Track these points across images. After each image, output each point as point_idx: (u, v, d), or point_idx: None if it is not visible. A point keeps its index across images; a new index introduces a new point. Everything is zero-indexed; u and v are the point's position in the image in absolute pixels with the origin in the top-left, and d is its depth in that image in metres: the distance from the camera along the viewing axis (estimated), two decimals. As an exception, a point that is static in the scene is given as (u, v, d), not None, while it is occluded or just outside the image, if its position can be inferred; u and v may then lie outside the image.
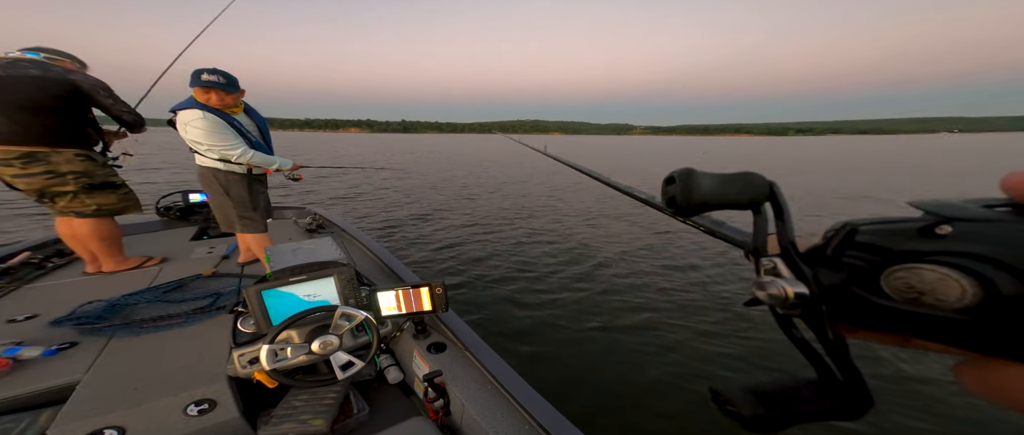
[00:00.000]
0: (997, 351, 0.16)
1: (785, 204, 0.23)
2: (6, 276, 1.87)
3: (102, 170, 1.93)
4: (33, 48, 1.76)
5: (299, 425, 1.09)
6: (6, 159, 1.68)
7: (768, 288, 0.21)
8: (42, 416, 1.01)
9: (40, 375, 1.13)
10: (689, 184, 0.23)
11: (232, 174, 1.93)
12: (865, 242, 0.19)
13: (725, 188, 0.23)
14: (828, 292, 0.20)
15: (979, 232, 0.16)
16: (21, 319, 1.46)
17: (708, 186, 0.23)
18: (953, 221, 0.17)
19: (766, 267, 0.22)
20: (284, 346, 1.07)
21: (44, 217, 5.40)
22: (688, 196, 0.23)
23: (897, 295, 0.18)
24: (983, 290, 0.16)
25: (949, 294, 0.16)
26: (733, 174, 0.23)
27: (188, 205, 3.01)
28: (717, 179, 0.23)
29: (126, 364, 1.20)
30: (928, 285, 0.17)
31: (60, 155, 1.76)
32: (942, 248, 0.17)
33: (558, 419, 0.98)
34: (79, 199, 1.85)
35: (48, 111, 1.70)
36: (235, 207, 1.96)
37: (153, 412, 1.03)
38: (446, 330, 1.39)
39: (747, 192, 0.23)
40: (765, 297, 0.21)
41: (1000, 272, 0.15)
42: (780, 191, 0.23)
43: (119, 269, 2.03)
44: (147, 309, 1.57)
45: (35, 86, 1.65)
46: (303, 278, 1.20)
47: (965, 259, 0.16)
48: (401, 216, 6.14)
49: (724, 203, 0.23)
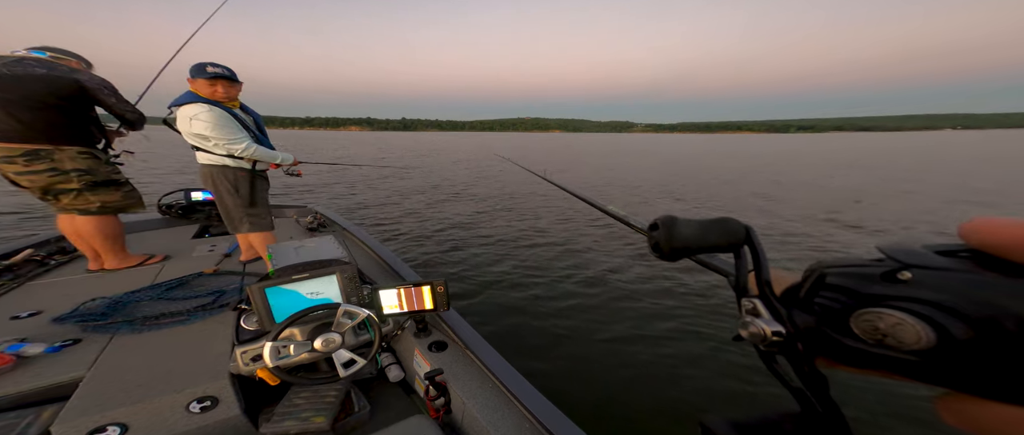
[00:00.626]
0: (959, 388, 0.17)
1: (760, 247, 0.24)
2: (9, 273, 1.88)
3: (105, 168, 1.94)
4: (40, 47, 1.78)
5: (300, 422, 1.09)
6: (9, 156, 1.69)
7: (749, 327, 0.23)
8: (45, 412, 1.02)
9: (43, 372, 1.13)
10: (672, 231, 0.25)
11: (241, 171, 1.91)
12: (836, 284, 0.21)
13: (705, 234, 0.25)
14: (803, 332, 0.21)
15: (934, 280, 0.18)
16: (25, 316, 1.47)
17: (689, 232, 0.25)
18: (912, 268, 0.18)
19: (747, 307, 0.24)
20: (287, 343, 1.08)
21: (51, 217, 5.42)
22: (671, 242, 0.25)
23: (865, 335, 0.19)
24: (937, 335, 0.17)
25: (907, 337, 0.18)
26: (712, 220, 0.25)
27: (190, 203, 3.02)
28: (697, 225, 0.25)
29: (129, 361, 1.20)
30: (889, 328, 0.18)
31: (63, 153, 1.78)
32: (902, 293, 0.18)
33: (559, 417, 0.98)
34: (83, 196, 1.87)
35: (53, 109, 1.71)
36: (244, 205, 1.94)
37: (156, 409, 1.03)
38: (447, 329, 1.39)
39: (725, 237, 0.25)
40: (747, 335, 0.23)
41: (952, 319, 0.17)
42: (756, 235, 0.24)
43: (121, 266, 2.05)
44: (149, 306, 1.57)
45: (41, 84, 1.67)
46: (306, 276, 1.21)
47: (921, 305, 0.18)
48: (401, 214, 6.15)
49: (705, 247, 0.25)
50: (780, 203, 7.44)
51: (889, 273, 0.19)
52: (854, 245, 4.71)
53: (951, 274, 0.17)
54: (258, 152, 1.88)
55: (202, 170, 1.91)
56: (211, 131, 1.73)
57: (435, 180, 10.40)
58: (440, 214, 6.28)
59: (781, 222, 5.82)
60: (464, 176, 11.34)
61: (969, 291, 0.17)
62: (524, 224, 5.66)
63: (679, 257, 0.26)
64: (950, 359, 0.17)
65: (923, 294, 0.18)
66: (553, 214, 6.33)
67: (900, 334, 0.18)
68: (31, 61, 1.68)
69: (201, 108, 1.72)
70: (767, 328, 0.22)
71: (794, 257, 4.26)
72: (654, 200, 8.23)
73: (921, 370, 0.18)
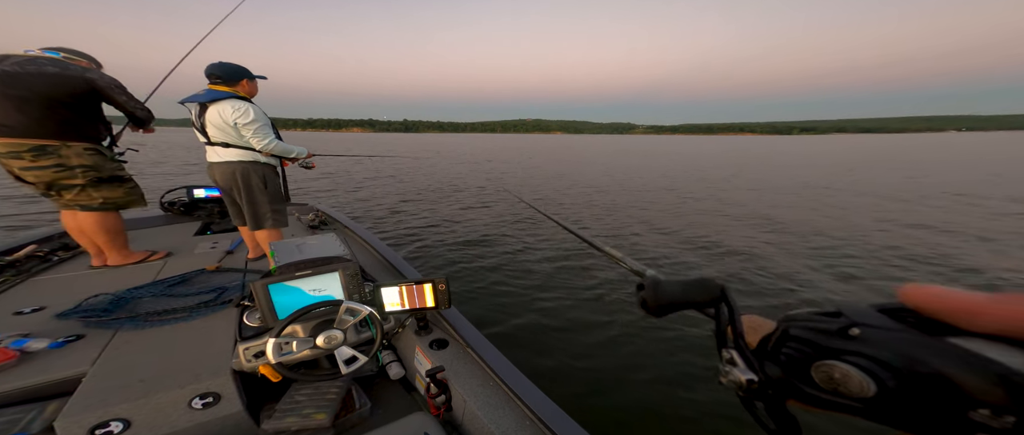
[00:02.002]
0: (898, 427, 0.20)
1: (734, 304, 0.27)
2: (12, 269, 1.89)
3: (110, 164, 1.97)
4: (53, 48, 1.80)
5: (302, 419, 1.10)
6: (16, 151, 1.71)
7: (728, 375, 0.25)
8: (49, 407, 1.03)
9: (47, 367, 1.14)
10: (657, 292, 0.29)
11: (269, 166, 1.99)
12: (799, 336, 0.23)
13: (687, 293, 0.28)
14: (772, 381, 0.24)
15: (877, 338, 0.21)
16: (28, 311, 1.48)
17: (672, 292, 0.28)
18: (860, 326, 0.21)
19: (726, 357, 0.26)
20: (290, 340, 1.08)
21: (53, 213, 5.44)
22: (657, 300, 0.29)
23: (822, 384, 0.22)
24: (876, 386, 0.20)
25: (853, 387, 0.20)
26: (692, 280, 0.28)
27: (192, 200, 3.03)
28: (679, 285, 0.28)
29: (132, 357, 1.21)
30: (841, 378, 0.21)
31: (70, 149, 1.81)
32: (851, 348, 0.21)
33: (559, 414, 0.98)
34: (86, 192, 1.89)
35: (62, 106, 1.75)
36: (271, 201, 1.99)
37: (158, 405, 1.04)
38: (448, 326, 1.39)
39: (704, 294, 0.28)
40: (726, 382, 0.25)
41: (886, 372, 0.19)
42: (730, 293, 0.27)
43: (124, 263, 2.06)
44: (152, 303, 1.58)
45: (52, 82, 1.69)
46: (309, 273, 1.21)
47: (864, 360, 0.20)
48: (403, 212, 6.15)
49: (688, 303, 0.28)
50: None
51: (842, 329, 0.22)
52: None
53: (887, 332, 0.20)
54: (279, 147, 1.94)
55: (224, 167, 1.91)
56: (254, 126, 1.82)
57: (438, 178, 10.40)
58: (441, 213, 6.28)
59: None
60: (467, 175, 11.35)
61: (898, 347, 0.20)
62: (526, 225, 5.66)
63: (665, 313, 0.29)
64: (888, 405, 0.19)
65: (867, 350, 0.20)
66: (556, 214, 6.32)
67: (848, 384, 0.20)
68: (44, 60, 1.71)
69: (246, 104, 1.82)
70: (742, 377, 0.24)
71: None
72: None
73: (867, 414, 0.20)
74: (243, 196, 1.95)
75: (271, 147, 1.90)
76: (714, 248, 4.49)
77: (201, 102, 1.81)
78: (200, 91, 1.83)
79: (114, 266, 2.03)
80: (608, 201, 7.67)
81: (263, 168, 1.96)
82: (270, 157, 1.97)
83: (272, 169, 2.02)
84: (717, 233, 5.14)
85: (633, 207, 6.99)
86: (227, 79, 1.84)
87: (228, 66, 1.85)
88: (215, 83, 1.84)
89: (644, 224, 5.73)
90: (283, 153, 1.98)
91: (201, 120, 1.84)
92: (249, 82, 1.92)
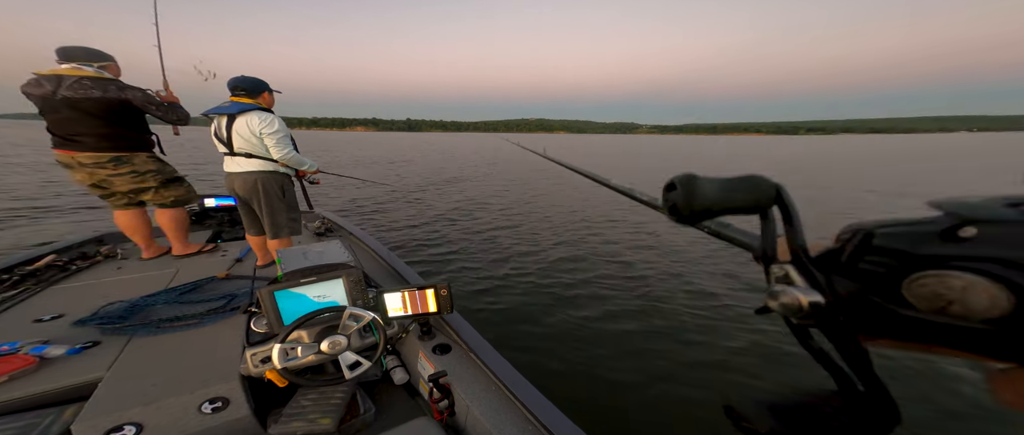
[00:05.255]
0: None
1: (794, 207, 0.21)
2: (32, 278, 1.95)
3: (168, 167, 2.27)
4: (82, 57, 1.95)
5: (307, 424, 1.12)
6: (100, 162, 2.01)
7: (780, 297, 0.20)
8: (67, 411, 1.06)
9: (65, 373, 1.18)
10: (692, 190, 0.22)
11: (286, 176, 2.07)
12: (883, 246, 0.18)
13: (729, 193, 0.22)
14: (844, 301, 0.19)
15: (1008, 235, 0.15)
16: (47, 319, 1.53)
17: (711, 192, 0.22)
18: (978, 222, 0.16)
19: (776, 275, 0.21)
20: (295, 345, 1.10)
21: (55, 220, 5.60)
22: (690, 203, 0.22)
23: (920, 304, 0.17)
24: (1016, 298, 0.14)
25: (978, 303, 0.15)
26: (738, 178, 0.22)
27: (203, 209, 3.10)
28: (721, 184, 0.22)
29: (145, 363, 1.25)
30: (955, 293, 0.16)
31: (137, 157, 2.11)
32: (968, 253, 0.16)
33: (562, 421, 0.99)
34: (160, 193, 2.21)
35: (117, 124, 2.02)
36: (288, 210, 2.07)
37: (170, 409, 1.07)
38: (451, 331, 1.40)
39: (753, 197, 0.22)
40: (777, 307, 0.20)
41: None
42: (788, 194, 0.22)
43: (187, 252, 2.36)
44: (165, 310, 1.62)
45: (101, 105, 1.93)
46: (313, 279, 1.24)
47: (994, 265, 0.15)
48: (405, 218, 6.21)
49: (728, 209, 0.22)
50: None
51: (949, 230, 0.16)
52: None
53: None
54: (295, 158, 2.01)
55: (246, 176, 1.97)
56: (277, 136, 1.90)
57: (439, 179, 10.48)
58: (442, 216, 6.32)
59: None
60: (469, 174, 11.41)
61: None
62: (528, 226, 5.67)
63: (699, 220, 0.23)
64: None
65: (995, 252, 0.15)
66: (557, 216, 6.32)
67: (970, 299, 0.15)
68: (87, 82, 1.91)
69: (271, 117, 1.91)
70: (803, 297, 0.19)
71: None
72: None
73: (991, 341, 0.15)
74: (263, 205, 2.01)
75: (288, 157, 1.97)
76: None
77: (228, 114, 1.88)
78: (223, 103, 1.92)
79: (144, 259, 2.29)
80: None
81: (281, 178, 2.04)
82: (287, 168, 2.06)
83: (289, 179, 2.10)
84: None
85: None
86: (251, 91, 1.93)
87: (252, 80, 1.94)
88: (239, 95, 1.92)
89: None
90: (297, 164, 2.06)
91: (227, 131, 1.90)
92: (269, 94, 2.02)
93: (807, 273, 0.20)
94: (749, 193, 0.22)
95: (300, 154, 2.05)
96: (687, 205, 0.22)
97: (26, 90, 1.90)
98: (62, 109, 1.89)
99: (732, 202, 0.22)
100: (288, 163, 2.00)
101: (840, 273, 0.19)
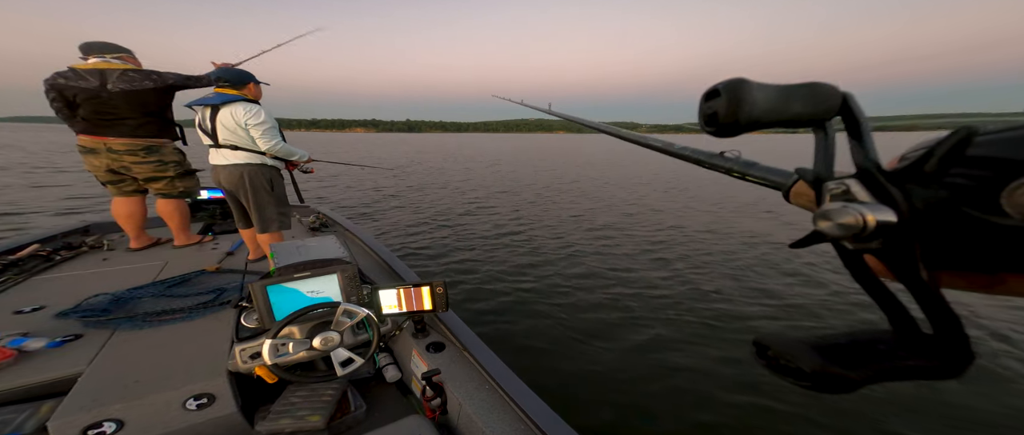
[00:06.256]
0: None
1: (864, 118, 0.19)
2: (14, 268, 1.90)
3: (186, 160, 2.36)
4: (102, 51, 2.03)
5: (296, 421, 1.09)
6: (134, 149, 2.10)
7: (837, 217, 0.17)
8: (43, 407, 1.02)
9: (44, 366, 1.14)
10: (739, 95, 0.19)
11: (275, 169, 2.02)
12: (976, 155, 0.16)
13: (785, 101, 0.19)
14: (925, 216, 0.16)
15: None
16: (28, 310, 1.48)
17: (764, 99, 0.19)
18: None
19: (833, 192, 0.19)
20: (286, 341, 1.08)
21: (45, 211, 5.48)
22: (736, 111, 0.19)
23: (1022, 213, 0.14)
24: None
25: None
26: (797, 84, 0.19)
27: (195, 202, 3.04)
28: (775, 90, 0.19)
29: (128, 357, 1.21)
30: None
31: (166, 147, 2.23)
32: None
33: (554, 419, 0.97)
34: (172, 183, 2.27)
35: (155, 114, 2.13)
36: (277, 204, 2.02)
37: (152, 405, 1.03)
38: (445, 329, 1.38)
39: (813, 105, 0.19)
40: (832, 228, 0.17)
41: None
42: (856, 103, 0.19)
43: (188, 243, 2.41)
44: (151, 303, 1.58)
45: (152, 94, 2.07)
46: (307, 274, 1.21)
47: None
48: (403, 214, 6.17)
49: (781, 120, 0.19)
50: None
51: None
52: None
53: None
54: (283, 149, 1.96)
55: (231, 169, 1.92)
56: (263, 127, 1.86)
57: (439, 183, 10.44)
58: (441, 216, 6.29)
59: None
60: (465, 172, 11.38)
61: None
62: (527, 227, 5.66)
63: (742, 131, 0.20)
64: None
65: None
66: (559, 218, 6.32)
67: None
68: (133, 73, 2.04)
69: (257, 107, 1.88)
70: (871, 215, 0.16)
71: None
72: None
73: None
74: (250, 198, 1.97)
75: (276, 149, 1.92)
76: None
77: (212, 105, 1.84)
78: (208, 94, 1.87)
79: (136, 249, 2.31)
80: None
81: (269, 171, 1.98)
82: (276, 160, 2.00)
83: (277, 172, 2.05)
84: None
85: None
86: (235, 83, 1.88)
87: (235, 71, 1.90)
88: (223, 87, 1.88)
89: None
90: (286, 155, 2.01)
91: (211, 122, 1.86)
92: (255, 86, 1.96)
93: (876, 188, 0.17)
94: (810, 101, 0.19)
95: (290, 145, 2.00)
96: (732, 113, 0.19)
97: (60, 83, 1.93)
98: (114, 99, 1.98)
99: (788, 112, 0.19)
100: (277, 154, 1.95)
101: (921, 183, 0.16)
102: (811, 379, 0.16)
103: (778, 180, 0.24)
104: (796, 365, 0.16)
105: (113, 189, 2.22)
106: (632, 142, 0.45)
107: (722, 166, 0.28)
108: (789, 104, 0.19)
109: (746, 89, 0.19)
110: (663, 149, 0.37)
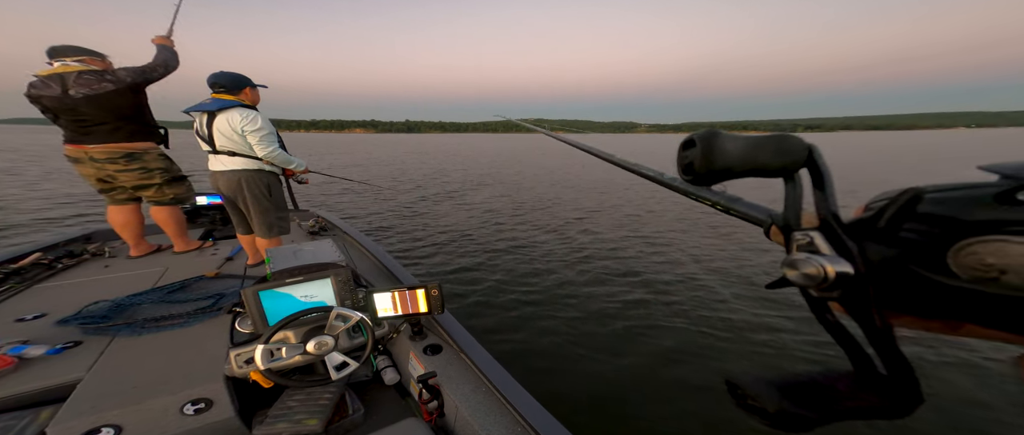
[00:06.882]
0: None
1: (826, 170, 0.20)
2: (16, 276, 1.91)
3: (174, 166, 2.29)
4: (65, 54, 1.91)
5: (293, 425, 1.09)
6: (113, 157, 2.02)
7: (802, 267, 0.18)
8: (43, 414, 1.03)
9: (44, 373, 1.15)
10: (712, 147, 0.21)
11: (273, 175, 2.02)
12: (929, 213, 0.17)
13: (754, 152, 0.20)
14: (878, 270, 0.17)
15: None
16: (29, 318, 1.50)
17: (735, 150, 0.20)
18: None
19: (800, 242, 0.20)
20: (280, 346, 1.08)
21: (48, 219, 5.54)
22: (710, 161, 0.21)
23: (966, 273, 0.15)
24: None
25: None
26: (765, 136, 0.21)
27: (195, 208, 3.06)
28: (746, 142, 0.21)
29: (127, 363, 1.22)
30: (1011, 260, 0.14)
31: (149, 154, 2.14)
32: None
33: (551, 422, 0.97)
34: (161, 190, 2.21)
35: (127, 118, 2.03)
36: (276, 209, 2.02)
37: (150, 411, 1.04)
38: (442, 331, 1.38)
39: (780, 157, 0.20)
40: (797, 277, 0.19)
41: None
42: (821, 155, 0.20)
43: (187, 249, 2.37)
44: (151, 309, 1.59)
45: (112, 97, 1.95)
46: (300, 279, 1.21)
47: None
48: (401, 218, 6.18)
49: (752, 169, 0.21)
50: None
51: (1006, 193, 0.15)
52: None
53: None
54: (281, 156, 1.95)
55: (229, 175, 1.92)
56: (260, 133, 1.85)
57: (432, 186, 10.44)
58: (440, 217, 6.30)
59: None
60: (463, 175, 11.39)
61: None
62: (526, 228, 5.65)
63: (716, 180, 0.22)
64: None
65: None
66: (559, 219, 6.31)
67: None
68: (89, 75, 1.90)
69: (254, 113, 1.86)
70: (830, 267, 0.17)
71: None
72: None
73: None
74: (249, 204, 1.97)
75: (273, 155, 1.92)
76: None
77: (208, 111, 1.83)
78: (205, 100, 1.86)
79: (136, 257, 2.29)
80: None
81: (267, 176, 1.98)
82: (273, 166, 2.00)
83: (276, 177, 2.04)
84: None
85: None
86: (231, 88, 1.86)
87: (231, 75, 1.87)
88: (219, 92, 1.86)
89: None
90: (284, 163, 2.00)
91: (208, 129, 1.86)
92: (252, 90, 1.95)
93: (836, 241, 0.18)
94: (777, 153, 0.20)
95: (288, 153, 2.00)
96: (706, 163, 0.21)
97: (33, 93, 1.88)
98: (79, 105, 1.89)
99: (756, 162, 0.20)
100: (274, 162, 1.95)
101: (876, 240, 0.18)
102: (772, 418, 0.17)
103: (759, 218, 0.25)
104: (761, 405, 0.17)
105: (107, 198, 2.20)
106: (625, 169, 0.46)
107: (708, 199, 0.28)
108: (758, 155, 0.20)
109: (719, 140, 0.21)
110: (655, 178, 0.37)
